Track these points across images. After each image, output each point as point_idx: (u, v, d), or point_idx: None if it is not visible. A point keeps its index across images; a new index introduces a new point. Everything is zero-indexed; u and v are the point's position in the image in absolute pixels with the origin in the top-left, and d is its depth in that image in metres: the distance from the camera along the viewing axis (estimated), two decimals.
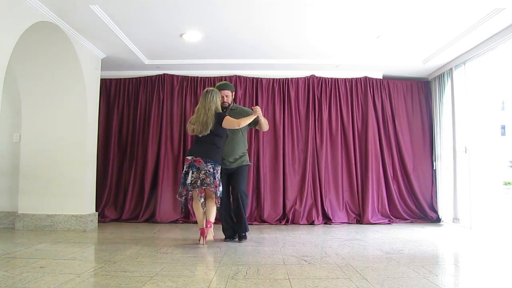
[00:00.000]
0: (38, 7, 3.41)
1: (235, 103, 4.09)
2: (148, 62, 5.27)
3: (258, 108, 3.65)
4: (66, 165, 4.31)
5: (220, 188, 3.51)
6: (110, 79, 5.56)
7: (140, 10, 3.70)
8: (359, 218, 5.26)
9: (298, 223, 5.10)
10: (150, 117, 5.41)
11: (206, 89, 3.63)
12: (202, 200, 3.45)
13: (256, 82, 5.51)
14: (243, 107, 4.05)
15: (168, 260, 2.84)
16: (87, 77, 4.43)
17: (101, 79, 5.04)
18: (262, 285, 2.19)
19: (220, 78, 5.48)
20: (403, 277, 2.38)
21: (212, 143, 3.51)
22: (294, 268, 2.62)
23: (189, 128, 3.65)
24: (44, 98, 4.32)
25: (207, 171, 3.41)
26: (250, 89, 5.50)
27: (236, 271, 2.51)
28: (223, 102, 3.70)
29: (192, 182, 3.41)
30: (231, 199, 3.81)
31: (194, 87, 5.50)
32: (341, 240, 3.89)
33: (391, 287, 2.17)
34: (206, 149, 3.48)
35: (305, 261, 2.85)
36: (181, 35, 4.34)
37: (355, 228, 4.77)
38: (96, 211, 4.74)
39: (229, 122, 3.49)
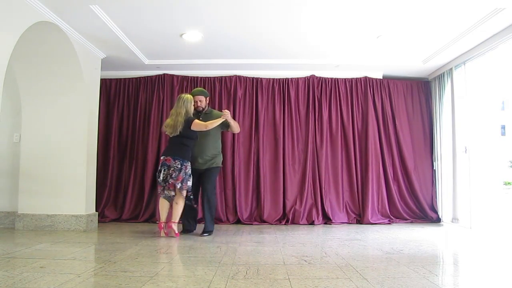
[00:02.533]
0: (38, 7, 3.41)
1: (210, 107, 4.48)
2: (148, 62, 5.27)
3: (226, 112, 4.00)
4: (66, 165, 4.31)
5: (188, 183, 3.91)
6: (110, 79, 5.56)
7: (140, 10, 3.70)
8: (359, 218, 5.26)
9: (298, 223, 5.10)
10: (150, 117, 5.40)
11: (179, 95, 4.11)
12: (173, 193, 3.91)
13: (256, 82, 5.51)
14: (217, 111, 4.41)
15: (168, 260, 2.84)
16: (87, 77, 4.43)
17: (101, 79, 5.04)
18: (262, 285, 2.19)
19: (220, 78, 5.49)
20: (403, 277, 2.38)
21: (181, 143, 3.96)
22: (294, 268, 2.62)
23: (164, 129, 4.15)
24: (44, 98, 4.32)
25: (175, 167, 3.90)
26: (250, 89, 5.49)
27: (236, 271, 2.51)
28: (197, 107, 4.15)
29: (164, 178, 3.92)
30: (199, 199, 4.26)
31: (194, 87, 5.48)
32: (341, 240, 3.89)
33: (391, 287, 2.17)
34: (175, 148, 3.98)
35: (305, 261, 2.85)
36: (181, 35, 4.34)
37: (355, 228, 4.77)
38: (96, 211, 4.74)
39: (197, 125, 3.92)
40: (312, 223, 5.10)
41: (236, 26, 4.09)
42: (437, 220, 5.30)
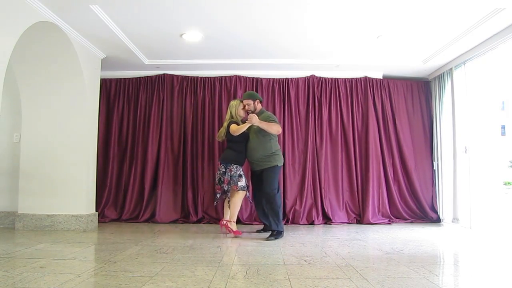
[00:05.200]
0: (38, 7, 3.41)
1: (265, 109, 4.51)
2: (148, 62, 5.27)
3: (251, 116, 3.96)
4: (66, 165, 4.31)
5: (239, 184, 4.06)
6: (110, 79, 5.56)
7: (140, 10, 3.70)
8: (359, 218, 5.26)
9: (298, 223, 5.09)
10: (150, 117, 5.40)
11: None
12: (218, 196, 4.19)
13: (256, 82, 5.51)
14: (268, 113, 4.23)
15: (168, 260, 2.84)
16: (87, 77, 4.43)
17: (101, 79, 5.05)
18: (262, 285, 2.19)
19: (220, 78, 5.49)
20: (403, 277, 2.38)
21: (228, 148, 4.26)
22: (294, 268, 2.62)
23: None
24: (44, 98, 4.32)
25: (222, 171, 4.17)
26: (250, 89, 5.48)
27: (236, 271, 2.52)
28: (247, 110, 4.26)
29: (217, 182, 4.23)
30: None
31: (194, 87, 5.50)
32: (341, 240, 3.89)
33: (391, 287, 2.17)
34: (224, 153, 4.30)
35: (305, 261, 2.86)
36: (181, 35, 4.34)
37: (355, 228, 4.77)
38: (96, 211, 4.75)
39: (231, 129, 4.10)
40: (312, 223, 5.10)
41: (236, 26, 4.09)
42: (437, 220, 5.30)
